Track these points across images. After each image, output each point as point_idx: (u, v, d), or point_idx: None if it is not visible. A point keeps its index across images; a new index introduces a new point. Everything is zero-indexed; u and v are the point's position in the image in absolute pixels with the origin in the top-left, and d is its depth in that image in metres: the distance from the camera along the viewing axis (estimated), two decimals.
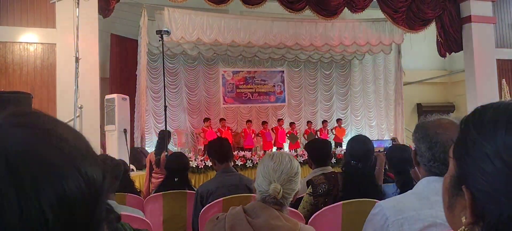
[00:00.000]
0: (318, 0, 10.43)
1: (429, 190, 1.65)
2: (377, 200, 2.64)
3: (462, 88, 13.76)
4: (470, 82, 11.71)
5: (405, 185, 2.73)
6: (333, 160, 9.24)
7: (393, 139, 9.60)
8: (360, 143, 2.81)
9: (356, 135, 3.07)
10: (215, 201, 3.05)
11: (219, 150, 3.27)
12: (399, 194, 2.73)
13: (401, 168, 2.85)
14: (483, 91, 11.36)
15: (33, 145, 0.52)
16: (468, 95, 11.82)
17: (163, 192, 3.72)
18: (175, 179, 3.83)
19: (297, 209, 2.81)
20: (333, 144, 12.84)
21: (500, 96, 11.26)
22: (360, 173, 2.70)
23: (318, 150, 3.33)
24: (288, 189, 1.82)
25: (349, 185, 2.68)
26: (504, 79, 11.26)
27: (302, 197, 2.92)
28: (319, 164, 3.32)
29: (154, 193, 3.95)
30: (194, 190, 3.85)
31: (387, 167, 3.26)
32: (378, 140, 12.48)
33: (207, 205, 3.06)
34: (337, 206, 2.56)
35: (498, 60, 11.74)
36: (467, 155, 0.77)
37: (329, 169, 3.29)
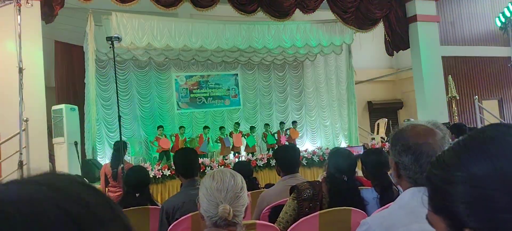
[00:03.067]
0: (270, 1, 10.44)
1: (416, 202, 1.61)
2: (356, 209, 2.64)
3: (409, 85, 14.31)
4: (417, 79, 12.15)
5: (386, 189, 2.75)
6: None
7: (365, 145, 9.78)
8: (345, 157, 2.84)
9: (338, 148, 3.13)
10: (183, 217, 2.91)
11: (184, 163, 3.13)
12: (380, 199, 2.75)
13: (378, 172, 2.85)
14: (431, 87, 11.82)
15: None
16: (417, 91, 12.26)
17: (124, 209, 3.52)
18: (136, 195, 3.65)
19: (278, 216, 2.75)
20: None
21: (447, 92, 11.77)
22: (346, 185, 2.69)
23: (288, 158, 3.29)
24: (237, 206, 1.73)
25: (335, 195, 2.66)
26: (450, 75, 11.76)
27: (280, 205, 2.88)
28: (288, 171, 3.28)
29: None
30: (158, 205, 3.68)
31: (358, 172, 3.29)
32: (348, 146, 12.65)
33: (175, 222, 2.91)
34: (313, 217, 2.52)
35: (443, 57, 12.26)
36: (450, 199, 0.74)
37: (299, 176, 3.25)
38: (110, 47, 6.49)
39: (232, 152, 11.96)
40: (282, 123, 13.41)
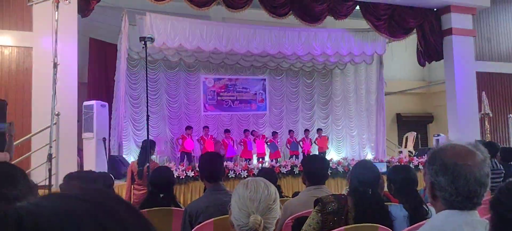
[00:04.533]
0: (302, 5, 10.40)
1: (449, 226, 1.54)
2: (383, 227, 2.55)
3: (440, 99, 13.96)
4: (450, 93, 11.85)
5: (417, 207, 2.66)
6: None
7: (388, 162, 9.56)
8: (368, 169, 2.76)
9: (362, 161, 3.05)
10: (206, 221, 2.88)
11: (210, 168, 3.10)
12: (410, 217, 2.66)
13: (407, 189, 2.76)
14: (463, 102, 11.51)
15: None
16: (448, 106, 11.96)
17: (147, 209, 3.52)
18: (161, 195, 3.65)
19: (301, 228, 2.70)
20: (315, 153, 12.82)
21: (480, 109, 11.42)
22: (370, 199, 2.61)
23: (316, 168, 3.23)
24: (268, 218, 1.70)
25: (360, 210, 2.58)
26: (484, 92, 11.42)
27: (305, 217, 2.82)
28: (314, 182, 3.22)
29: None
30: (181, 207, 3.67)
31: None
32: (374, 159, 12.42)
33: (197, 226, 2.88)
34: None
35: (477, 72, 11.92)
36: None
37: (325, 188, 3.19)
38: (143, 47, 6.56)
39: (255, 157, 11.95)
40: (307, 130, 13.28)
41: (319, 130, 13.46)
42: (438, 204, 1.61)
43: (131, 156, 11.34)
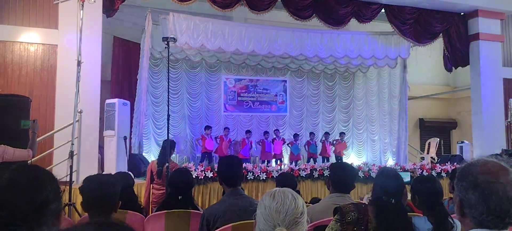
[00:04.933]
0: (325, 8, 10.29)
1: None
2: None
3: (464, 105, 13.66)
4: (475, 99, 11.56)
5: (442, 220, 2.57)
6: None
7: (412, 171, 9.37)
8: (393, 177, 2.69)
9: (385, 168, 2.97)
10: (223, 227, 2.85)
11: (229, 172, 3.06)
12: (435, 230, 2.57)
13: (432, 201, 2.67)
14: (489, 109, 11.23)
15: None
16: (473, 112, 11.68)
17: (166, 211, 3.51)
18: (179, 197, 3.63)
19: None
20: (333, 157, 12.69)
21: (506, 116, 11.12)
22: (394, 209, 2.53)
23: (344, 177, 3.16)
24: None
25: (382, 219, 2.50)
26: (511, 99, 11.10)
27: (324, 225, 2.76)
28: (339, 190, 3.15)
29: (156, 210, 3.74)
30: (199, 210, 3.65)
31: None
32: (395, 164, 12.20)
33: None
34: None
35: (504, 79, 11.60)
36: None
37: (348, 197, 3.11)
38: (165, 47, 6.58)
39: (274, 159, 11.88)
40: (327, 133, 13.13)
41: (341, 134, 13.30)
42: (467, 222, 1.54)
43: (151, 154, 11.43)
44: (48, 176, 1.42)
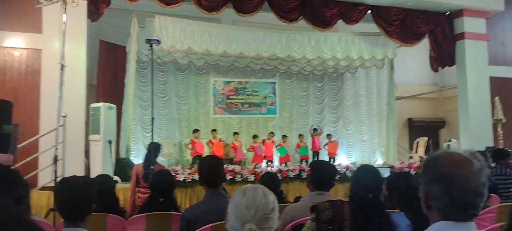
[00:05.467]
0: (312, 10, 10.35)
1: None
2: None
3: (452, 104, 13.76)
4: (462, 98, 11.67)
5: (420, 215, 2.57)
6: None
7: (392, 166, 9.40)
8: (371, 173, 2.70)
9: (364, 165, 2.99)
10: (203, 227, 2.84)
11: (210, 173, 3.04)
12: (413, 226, 2.58)
13: (409, 198, 2.68)
14: (476, 108, 11.34)
15: None
16: (460, 111, 11.78)
17: (147, 213, 3.49)
18: (161, 199, 3.61)
19: None
20: (324, 153, 12.72)
21: (493, 114, 11.23)
22: (371, 204, 2.53)
23: (322, 174, 3.16)
24: (264, 228, 1.65)
25: (359, 216, 2.50)
26: (497, 97, 11.21)
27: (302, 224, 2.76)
28: (319, 188, 3.16)
29: (137, 213, 3.72)
30: (181, 212, 3.63)
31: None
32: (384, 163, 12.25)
33: None
34: None
35: (491, 77, 11.72)
36: None
37: (327, 195, 3.11)
38: (149, 49, 6.57)
39: (265, 161, 11.87)
40: (315, 129, 13.09)
41: (328, 135, 13.33)
42: (433, 214, 1.54)
43: (139, 158, 11.31)
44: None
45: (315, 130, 13.09)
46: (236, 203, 1.69)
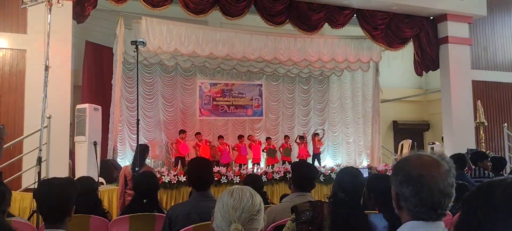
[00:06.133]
0: (299, 14, 10.40)
1: None
2: None
3: (437, 107, 13.95)
4: (445, 101, 11.83)
5: (398, 217, 2.63)
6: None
7: (370, 168, 9.49)
8: (350, 175, 2.75)
9: (346, 167, 3.04)
10: (185, 228, 2.86)
11: (199, 175, 3.05)
12: (390, 227, 2.63)
13: (387, 199, 2.74)
14: (458, 111, 11.50)
15: None
16: (444, 114, 11.94)
17: (130, 215, 3.51)
18: (144, 201, 3.63)
19: None
20: (310, 158, 12.82)
21: (475, 117, 11.42)
22: (349, 205, 2.59)
23: (303, 175, 3.22)
24: (250, 229, 1.69)
25: (336, 217, 2.56)
26: (479, 101, 11.41)
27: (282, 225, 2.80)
28: (300, 189, 3.21)
29: (120, 214, 3.73)
30: (164, 213, 3.65)
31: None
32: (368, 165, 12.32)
33: None
34: None
35: (473, 81, 11.91)
36: None
37: (309, 195, 3.17)
38: (134, 51, 6.57)
39: (250, 162, 11.91)
40: (301, 137, 13.18)
41: (316, 134, 13.43)
42: (404, 215, 1.60)
43: (126, 160, 11.32)
44: None
45: (301, 137, 13.16)
46: (223, 203, 1.72)
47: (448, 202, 1.51)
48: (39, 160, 5.73)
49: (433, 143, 12.60)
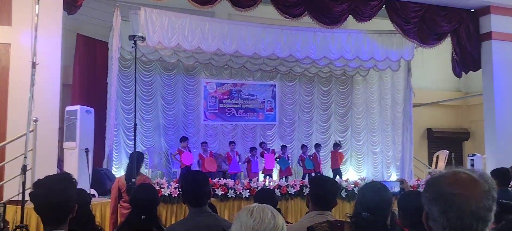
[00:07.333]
0: (319, 5, 10.37)
1: None
2: None
3: (478, 113, 13.86)
4: (488, 106, 11.76)
5: None
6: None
7: (401, 181, 9.45)
8: (374, 191, 2.76)
9: (370, 182, 3.05)
10: None
11: (194, 191, 3.13)
12: None
13: (419, 218, 2.77)
14: (503, 118, 11.40)
15: None
16: (486, 121, 11.87)
17: None
18: (142, 216, 3.69)
19: None
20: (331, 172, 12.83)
21: None
22: (372, 226, 2.62)
23: (323, 191, 3.24)
24: None
25: None
26: None
27: None
28: (319, 207, 3.23)
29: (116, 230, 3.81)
30: (164, 230, 3.72)
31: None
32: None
33: None
34: None
35: None
36: None
37: (329, 214, 3.20)
38: (132, 47, 6.68)
39: (262, 174, 11.94)
40: (318, 145, 13.20)
41: (336, 144, 13.44)
42: None
43: (121, 169, 11.39)
44: None
45: (317, 145, 13.18)
46: (241, 223, 1.75)
47: (482, 227, 1.50)
48: (24, 169, 5.85)
49: (474, 155, 12.50)
